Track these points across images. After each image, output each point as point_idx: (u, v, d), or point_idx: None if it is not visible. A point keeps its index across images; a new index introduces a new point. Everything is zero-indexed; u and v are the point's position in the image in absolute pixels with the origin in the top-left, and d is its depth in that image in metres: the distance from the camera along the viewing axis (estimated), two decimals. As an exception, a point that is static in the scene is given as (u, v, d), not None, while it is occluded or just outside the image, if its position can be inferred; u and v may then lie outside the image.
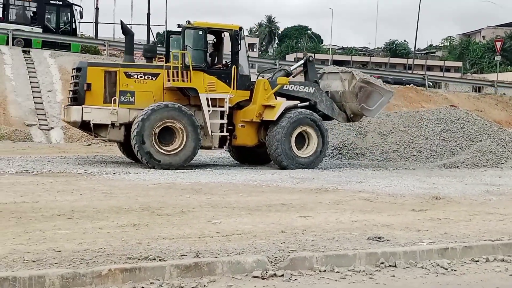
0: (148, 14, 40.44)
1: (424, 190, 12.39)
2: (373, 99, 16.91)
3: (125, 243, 6.74)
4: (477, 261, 6.94)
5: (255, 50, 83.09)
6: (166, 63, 15.70)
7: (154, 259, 6.04)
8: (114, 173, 13.53)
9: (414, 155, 19.32)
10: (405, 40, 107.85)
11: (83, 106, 14.86)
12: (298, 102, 16.43)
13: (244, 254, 6.40)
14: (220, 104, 15.58)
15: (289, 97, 16.57)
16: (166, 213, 8.75)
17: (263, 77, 17.41)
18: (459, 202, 11.07)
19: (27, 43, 29.94)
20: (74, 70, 15.70)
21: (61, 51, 29.61)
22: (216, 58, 16.50)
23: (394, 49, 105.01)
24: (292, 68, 17.96)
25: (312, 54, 19.38)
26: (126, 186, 11.55)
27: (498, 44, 45.37)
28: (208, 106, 15.28)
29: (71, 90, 15.70)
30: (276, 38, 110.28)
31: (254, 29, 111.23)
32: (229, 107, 15.76)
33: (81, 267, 5.70)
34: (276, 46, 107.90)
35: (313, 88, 16.84)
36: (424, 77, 38.13)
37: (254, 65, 45.47)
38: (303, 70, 17.80)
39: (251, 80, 16.49)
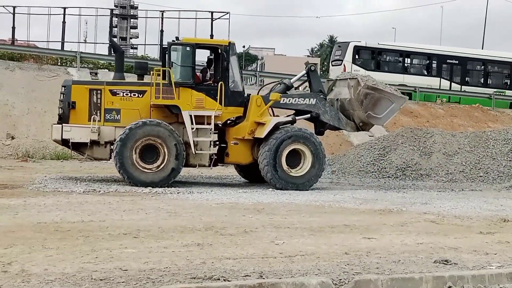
0: (161, 31, 40.78)
1: (491, 212, 12.07)
2: (382, 106, 16.10)
3: (189, 263, 6.81)
4: (549, 286, 6.70)
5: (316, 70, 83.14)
6: (162, 80, 15.25)
7: (219, 279, 6.07)
8: (178, 193, 13.69)
9: (480, 176, 18.88)
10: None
11: (63, 124, 14.80)
12: (291, 118, 15.85)
13: (308, 275, 6.37)
14: (208, 121, 15.17)
15: (299, 112, 16.11)
16: (229, 233, 8.80)
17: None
18: (528, 225, 10.73)
19: None
20: (62, 89, 15.50)
21: None
22: (208, 75, 16.11)
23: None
24: (293, 80, 17.19)
25: (315, 63, 18.08)
26: (190, 206, 11.68)
27: None
28: (192, 123, 14.87)
29: (59, 109, 15.55)
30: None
31: (315, 49, 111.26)
32: (222, 124, 15.43)
33: (147, 286, 5.78)
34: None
35: (315, 99, 16.13)
36: (491, 96, 37.23)
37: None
38: (306, 81, 17.25)
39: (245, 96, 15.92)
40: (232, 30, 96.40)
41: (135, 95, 15.13)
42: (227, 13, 39.00)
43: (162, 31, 41.26)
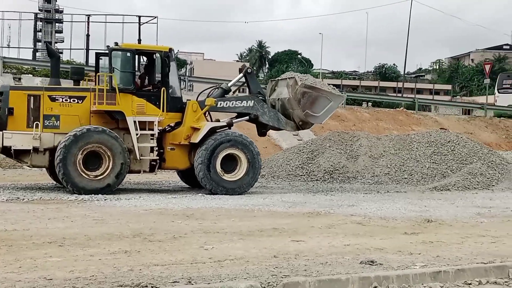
0: (87, 36, 40.38)
1: (415, 213, 12.40)
2: (319, 104, 16.33)
3: (116, 270, 6.70)
4: (470, 284, 6.93)
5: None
6: (95, 85, 15.26)
7: (146, 286, 6.00)
8: (105, 200, 13.47)
9: (405, 178, 19.37)
10: (394, 64, 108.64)
11: (4, 131, 14.38)
12: (227, 122, 16.03)
13: (237, 279, 6.37)
14: (150, 127, 15.16)
15: (240, 115, 16.30)
16: (158, 239, 8.71)
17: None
18: (450, 224, 11.08)
19: None
20: None
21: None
22: (147, 80, 16.08)
23: (384, 72, 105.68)
24: (230, 84, 17.35)
25: (248, 64, 18.27)
26: (117, 213, 11.50)
27: (487, 67, 45.76)
28: (136, 129, 14.86)
29: None
30: (267, 62, 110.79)
31: (244, 54, 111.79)
32: (161, 130, 15.39)
33: (72, 295, 5.66)
34: (266, 70, 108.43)
35: (252, 101, 16.30)
36: (414, 100, 38.35)
37: (245, 90, 45.74)
38: (244, 84, 17.39)
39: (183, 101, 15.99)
40: (160, 35, 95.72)
41: (74, 101, 14.87)
42: (155, 17, 38.85)
43: (88, 35, 40.63)
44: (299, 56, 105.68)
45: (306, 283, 6.27)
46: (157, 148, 15.34)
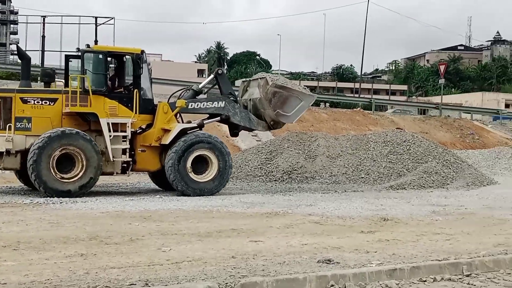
0: (43, 37, 39.90)
1: (372, 212, 12.55)
2: (290, 104, 16.54)
3: (72, 274, 6.62)
4: (425, 281, 7.05)
5: (204, 76, 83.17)
6: (65, 87, 15.25)
7: (103, 289, 5.95)
8: (61, 203, 13.27)
9: (362, 177, 19.57)
10: (351, 65, 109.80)
11: None
12: (197, 123, 16.08)
13: (194, 281, 6.36)
14: (122, 128, 15.14)
15: (212, 116, 16.42)
16: (115, 242, 8.63)
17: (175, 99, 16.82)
18: (406, 223, 11.25)
19: None
20: None
21: None
22: (118, 82, 16.10)
23: (341, 73, 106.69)
24: (201, 85, 17.50)
25: (221, 68, 18.55)
26: (73, 216, 11.35)
27: (442, 68, 46.53)
28: (110, 131, 14.84)
29: None
30: (225, 64, 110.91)
31: (203, 55, 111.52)
32: (132, 132, 15.37)
33: (27, 299, 5.56)
34: (225, 71, 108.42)
35: (223, 102, 16.46)
36: (371, 100, 38.83)
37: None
38: (215, 85, 17.54)
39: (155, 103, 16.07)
40: (118, 36, 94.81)
41: (46, 102, 14.82)
42: (112, 18, 38.41)
43: (43, 36, 40.00)
44: (257, 57, 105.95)
45: (264, 283, 6.30)
46: (128, 150, 15.32)
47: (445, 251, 8.38)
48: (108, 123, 14.83)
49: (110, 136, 14.83)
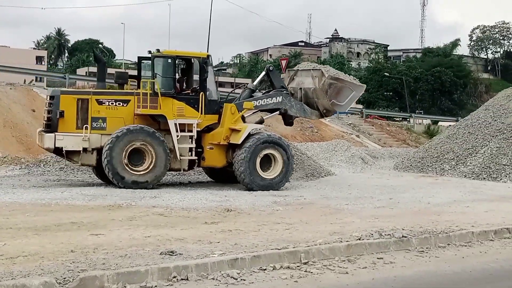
0: None
1: (216, 203, 12.71)
2: (344, 94, 17.54)
3: None
4: (265, 269, 7.26)
5: (43, 63, 79.74)
6: (137, 88, 16.05)
7: None
8: None
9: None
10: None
11: (56, 133, 15.15)
12: (263, 126, 17.12)
13: (30, 276, 6.09)
14: (189, 128, 15.97)
15: (271, 110, 17.49)
16: None
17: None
18: (249, 213, 11.52)
19: None
20: (48, 98, 15.84)
21: None
22: (185, 84, 16.80)
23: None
24: (254, 83, 18.39)
25: (271, 65, 20.54)
26: None
27: (284, 63, 47.84)
28: (177, 131, 15.65)
29: (45, 117, 15.73)
30: (66, 51, 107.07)
31: (42, 41, 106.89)
32: (198, 131, 16.14)
33: None
34: (66, 59, 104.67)
35: (280, 97, 17.36)
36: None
37: (43, 79, 43.71)
38: (267, 81, 18.27)
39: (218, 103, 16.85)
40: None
41: (119, 104, 15.74)
42: None
43: None
44: (100, 45, 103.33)
45: (104, 277, 6.17)
46: (195, 148, 16.10)
47: (284, 240, 8.67)
48: (175, 124, 15.67)
49: (177, 136, 15.66)
